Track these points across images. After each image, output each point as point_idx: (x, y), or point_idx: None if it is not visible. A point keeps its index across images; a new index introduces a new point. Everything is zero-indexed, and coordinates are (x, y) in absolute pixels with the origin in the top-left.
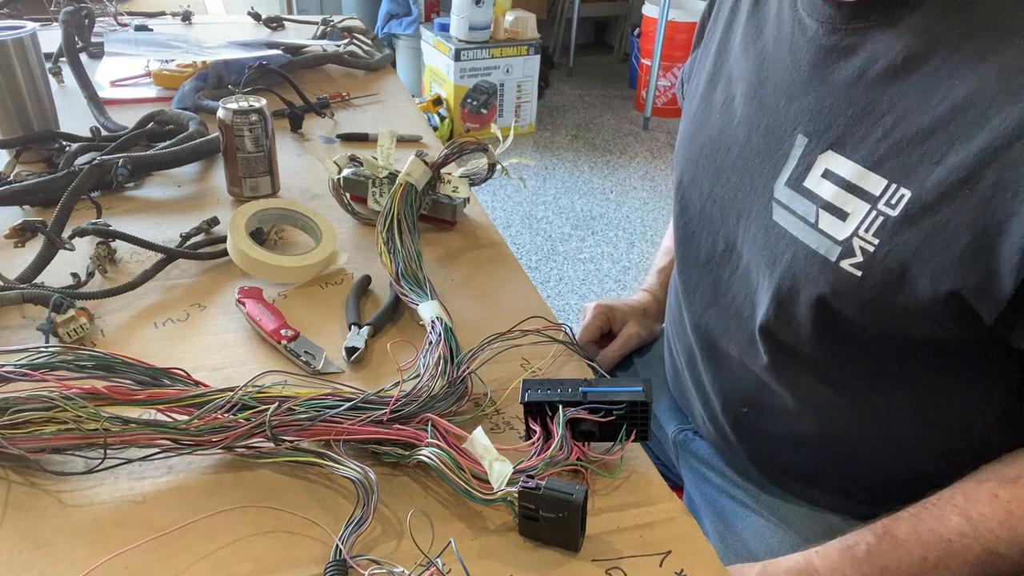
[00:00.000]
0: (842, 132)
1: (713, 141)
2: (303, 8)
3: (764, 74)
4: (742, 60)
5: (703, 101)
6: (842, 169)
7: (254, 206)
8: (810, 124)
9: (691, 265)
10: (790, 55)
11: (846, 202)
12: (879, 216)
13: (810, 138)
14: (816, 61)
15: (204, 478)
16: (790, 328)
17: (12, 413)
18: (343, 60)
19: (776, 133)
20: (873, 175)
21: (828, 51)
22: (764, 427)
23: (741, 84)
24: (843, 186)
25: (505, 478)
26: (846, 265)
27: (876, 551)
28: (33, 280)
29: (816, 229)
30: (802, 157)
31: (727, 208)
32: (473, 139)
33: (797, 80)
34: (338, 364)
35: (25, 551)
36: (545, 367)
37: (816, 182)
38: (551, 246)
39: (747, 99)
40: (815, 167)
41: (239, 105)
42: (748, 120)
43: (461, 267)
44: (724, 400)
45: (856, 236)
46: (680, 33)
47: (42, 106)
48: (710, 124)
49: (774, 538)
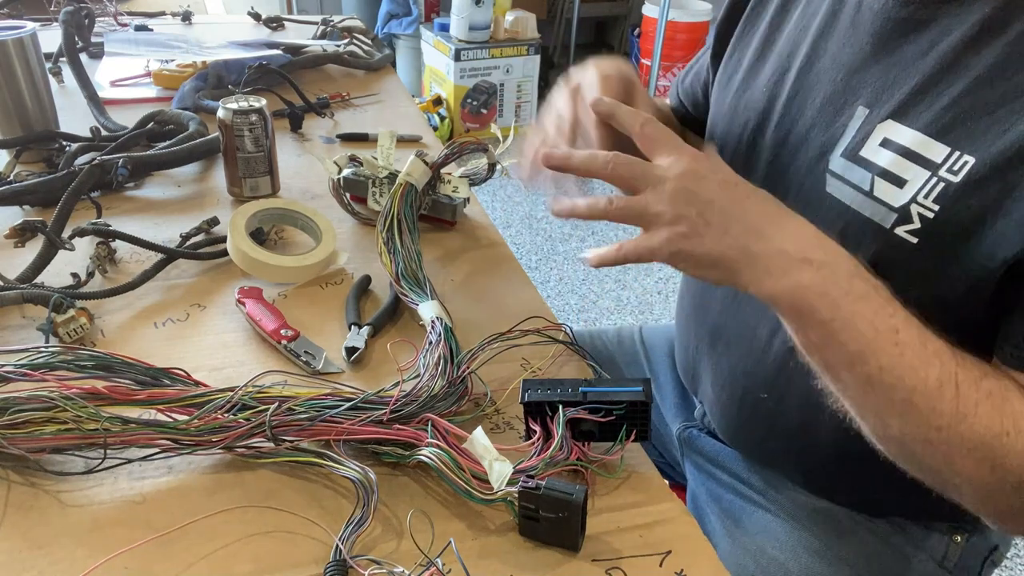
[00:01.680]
0: (905, 101)
1: (759, 116)
2: (303, 8)
3: (821, 48)
4: (798, 37)
5: (747, 78)
6: (902, 137)
7: (254, 206)
8: (872, 95)
9: None
10: (852, 28)
11: (905, 169)
12: (940, 182)
13: (871, 108)
14: (883, 33)
15: (204, 478)
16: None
17: (12, 413)
18: (343, 60)
19: (833, 105)
20: (936, 143)
21: (898, 23)
22: (782, 415)
23: (795, 59)
24: (902, 153)
25: (505, 478)
26: (902, 232)
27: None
28: (33, 280)
29: (871, 197)
30: (861, 127)
31: (772, 184)
32: (473, 139)
33: (859, 53)
34: (338, 364)
35: (25, 551)
36: (545, 367)
37: (874, 151)
38: (551, 246)
39: (800, 73)
40: (873, 136)
41: (239, 105)
42: (802, 94)
43: (461, 267)
44: (744, 386)
45: (915, 202)
46: (680, 33)
47: (42, 106)
48: (755, 100)
49: (782, 532)
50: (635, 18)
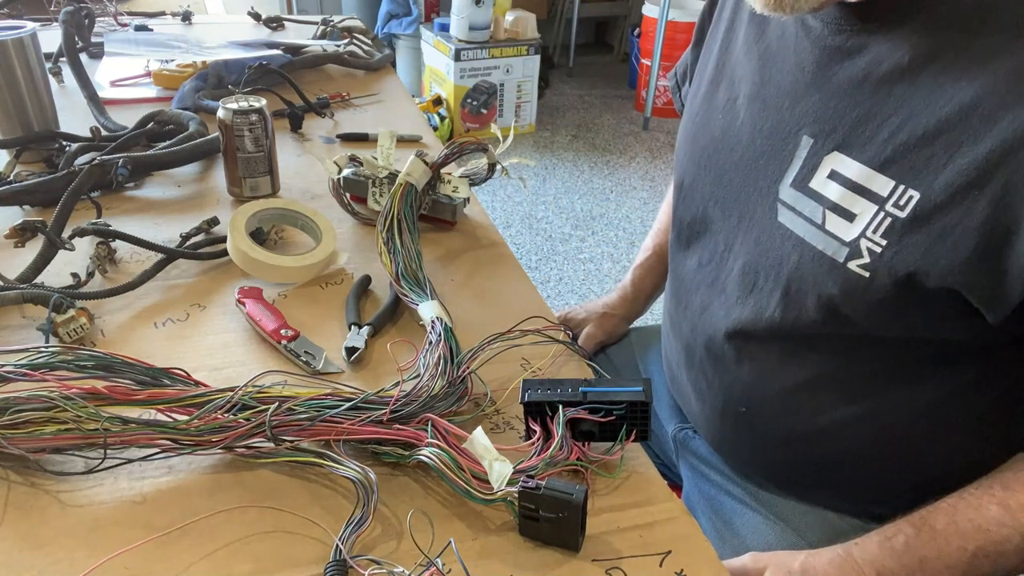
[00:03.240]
0: (848, 133)
1: (715, 142)
2: (303, 8)
3: (767, 74)
4: (745, 61)
5: (705, 102)
6: (849, 170)
7: (254, 206)
8: (815, 125)
9: (691, 265)
10: (794, 55)
11: (853, 203)
12: (887, 217)
13: (816, 139)
14: (821, 62)
15: (204, 478)
16: (794, 329)
17: (12, 413)
18: (343, 60)
19: (780, 134)
20: (880, 176)
21: (833, 51)
22: (763, 427)
23: (744, 85)
24: (850, 187)
25: (505, 478)
26: (854, 266)
27: (915, 542)
28: (33, 280)
29: (823, 230)
30: (808, 158)
31: (728, 209)
32: (473, 139)
33: (801, 81)
34: (338, 364)
35: (25, 551)
36: (545, 367)
37: (822, 183)
38: (551, 246)
39: (750, 100)
40: (821, 168)
41: (239, 105)
42: (751, 121)
43: (461, 267)
44: (724, 400)
45: (864, 237)
46: (680, 33)
47: (42, 106)
48: (712, 125)
49: (772, 535)
50: (635, 18)
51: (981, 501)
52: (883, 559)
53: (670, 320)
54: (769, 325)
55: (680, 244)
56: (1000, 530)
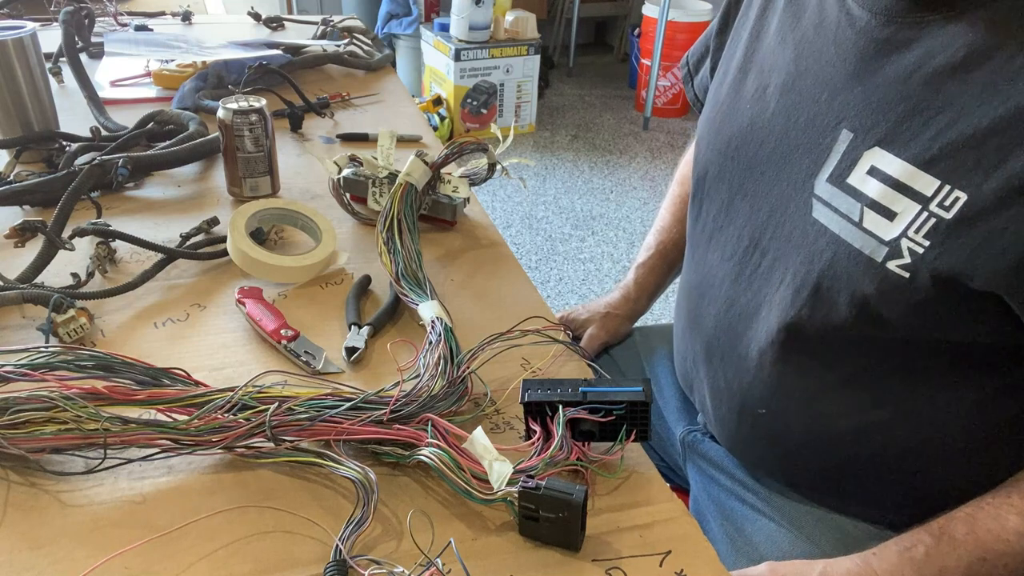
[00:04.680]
0: (891, 128)
1: (743, 132)
2: (303, 8)
3: (804, 64)
4: (778, 49)
5: (732, 90)
6: (890, 167)
7: (254, 206)
8: (856, 119)
9: (713, 259)
10: (834, 46)
11: (894, 201)
12: (931, 217)
13: (856, 133)
14: (866, 54)
15: (204, 478)
16: (824, 328)
17: (12, 413)
18: (343, 60)
19: (817, 127)
20: (925, 175)
21: (881, 44)
22: (782, 428)
23: (776, 74)
24: (891, 184)
25: (505, 478)
26: (893, 266)
27: (934, 552)
28: (33, 280)
29: (860, 228)
30: (847, 153)
31: (758, 203)
32: (473, 139)
33: (842, 72)
34: (338, 364)
35: (25, 551)
36: (545, 367)
37: (861, 179)
38: (551, 246)
39: (783, 90)
40: (860, 163)
41: (239, 105)
42: (785, 112)
43: (461, 267)
44: (741, 401)
45: (905, 237)
46: (680, 33)
47: (42, 106)
48: (739, 115)
49: (785, 541)
50: (635, 18)
51: (1000, 511)
52: (902, 569)
53: (687, 316)
54: (797, 323)
55: (702, 237)
56: (1020, 540)
